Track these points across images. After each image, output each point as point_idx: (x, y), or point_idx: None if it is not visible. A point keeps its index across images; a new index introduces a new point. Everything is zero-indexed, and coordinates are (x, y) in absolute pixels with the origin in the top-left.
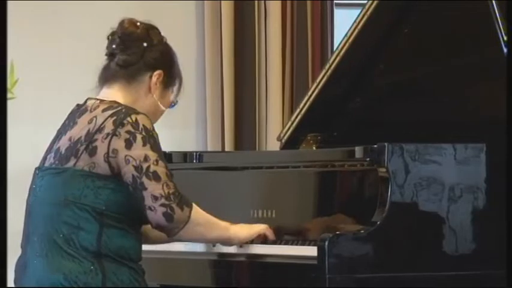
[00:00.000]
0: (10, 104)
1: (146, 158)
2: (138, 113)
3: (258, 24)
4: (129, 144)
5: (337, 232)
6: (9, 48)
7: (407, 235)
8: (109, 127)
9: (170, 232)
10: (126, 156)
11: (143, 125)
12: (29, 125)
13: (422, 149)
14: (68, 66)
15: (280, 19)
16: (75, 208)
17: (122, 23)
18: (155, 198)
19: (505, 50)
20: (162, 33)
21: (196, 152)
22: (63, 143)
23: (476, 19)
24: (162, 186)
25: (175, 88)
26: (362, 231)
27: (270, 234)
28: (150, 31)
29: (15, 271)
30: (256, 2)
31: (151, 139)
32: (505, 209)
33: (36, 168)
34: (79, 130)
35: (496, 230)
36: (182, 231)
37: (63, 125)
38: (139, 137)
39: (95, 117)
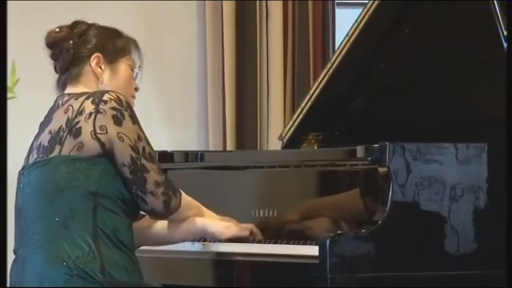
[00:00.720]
0: (11, 104)
1: (139, 137)
2: (114, 91)
3: (259, 24)
4: (118, 121)
5: (339, 231)
6: (11, 48)
7: (408, 234)
8: (89, 107)
9: (162, 217)
10: (118, 133)
11: (126, 102)
12: (30, 125)
13: (424, 149)
14: None
15: (282, 19)
16: (67, 192)
17: (45, 38)
18: (157, 184)
19: (505, 45)
20: (163, 33)
21: (197, 151)
22: (44, 138)
23: (477, 19)
24: (159, 171)
25: (129, 57)
26: (363, 231)
27: (255, 235)
28: (73, 28)
29: (12, 274)
30: (257, 1)
31: (135, 118)
32: (506, 209)
33: (19, 171)
34: (58, 122)
35: (498, 229)
36: (174, 215)
37: (40, 125)
38: (126, 114)
39: (70, 105)
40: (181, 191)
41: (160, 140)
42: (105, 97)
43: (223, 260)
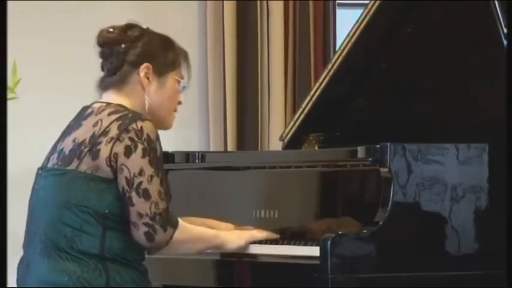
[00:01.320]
0: (12, 104)
1: (141, 172)
2: (143, 119)
3: (260, 24)
4: (128, 152)
5: (340, 232)
6: (12, 49)
7: (409, 235)
8: (114, 131)
9: (150, 251)
10: (122, 164)
11: (147, 134)
12: (30, 125)
13: (425, 149)
14: (70, 67)
15: (283, 19)
16: (77, 211)
17: (98, 36)
18: (140, 215)
19: (505, 42)
20: (164, 33)
21: (198, 152)
22: (67, 144)
23: (478, 19)
24: (150, 205)
25: (178, 71)
26: (364, 231)
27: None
28: (126, 31)
29: (18, 272)
30: (258, 1)
31: (151, 152)
32: (506, 209)
33: (38, 168)
34: (84, 132)
35: (499, 230)
36: (164, 249)
37: (68, 126)
38: (140, 147)
39: (101, 120)
40: (182, 224)
41: (161, 140)
42: (130, 126)
43: (224, 260)
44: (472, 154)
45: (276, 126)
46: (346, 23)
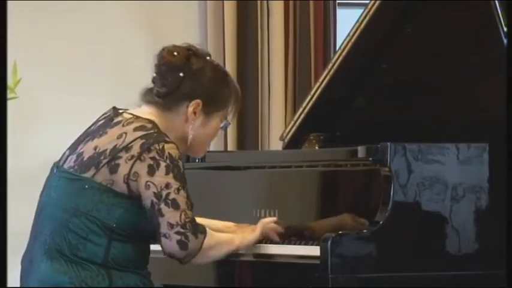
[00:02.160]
0: (12, 104)
1: (168, 186)
2: (167, 141)
3: (260, 24)
4: (151, 171)
5: (340, 232)
6: (12, 49)
7: (410, 235)
8: (136, 149)
9: (182, 260)
10: (147, 182)
11: (169, 153)
12: (31, 125)
13: (425, 149)
14: (70, 67)
15: (283, 19)
16: (85, 220)
17: (161, 52)
18: (171, 225)
19: (505, 41)
20: (164, 33)
21: None
22: (88, 150)
23: (478, 19)
24: (180, 214)
25: (226, 110)
26: (365, 231)
27: (274, 231)
28: (190, 58)
29: (22, 266)
30: (258, 1)
31: (175, 169)
32: (506, 209)
33: (54, 163)
34: (107, 142)
35: (499, 229)
36: (194, 259)
37: (93, 128)
38: (163, 164)
39: (125, 133)
40: (208, 231)
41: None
42: (153, 146)
43: (225, 260)
44: (472, 154)
45: (276, 126)
46: (347, 22)
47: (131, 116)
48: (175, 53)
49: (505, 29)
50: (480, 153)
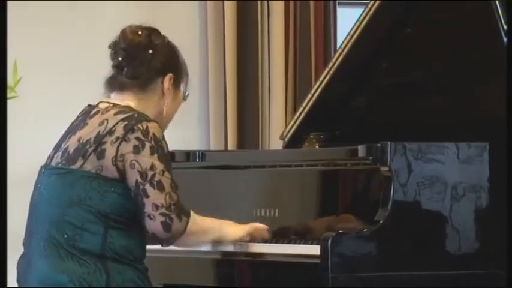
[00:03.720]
0: (13, 103)
1: (153, 167)
2: (149, 120)
3: (261, 24)
4: (136, 150)
5: (340, 231)
6: (13, 48)
7: (410, 234)
8: (119, 131)
9: (165, 242)
10: (132, 160)
11: (153, 134)
12: (31, 124)
13: (425, 148)
14: (71, 67)
15: (283, 18)
16: (79, 209)
17: (124, 34)
18: (156, 207)
19: (505, 39)
20: (164, 33)
21: (199, 150)
22: (72, 143)
23: (479, 19)
24: (165, 196)
25: (185, 81)
26: (365, 230)
27: (264, 234)
28: (152, 36)
29: (18, 270)
30: (259, 1)
31: (159, 149)
32: (506, 208)
33: (42, 167)
34: (89, 131)
35: (499, 229)
36: (178, 241)
37: (73, 124)
38: (148, 145)
39: (106, 120)
40: (193, 215)
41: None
42: (136, 126)
43: (225, 259)
44: (472, 153)
45: (277, 125)
46: (347, 22)
47: (108, 104)
48: (139, 32)
49: (505, 27)
50: (480, 152)
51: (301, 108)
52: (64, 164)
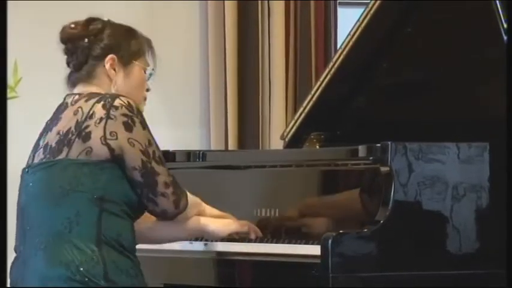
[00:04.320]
0: (13, 103)
1: (150, 142)
2: (125, 96)
3: (261, 24)
4: (128, 127)
5: (341, 231)
6: (13, 48)
7: (410, 234)
8: (99, 112)
9: (172, 218)
10: (129, 139)
11: (136, 108)
12: (31, 124)
13: (426, 148)
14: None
15: (284, 18)
16: (72, 196)
17: (62, 32)
18: (167, 185)
19: (505, 37)
20: (164, 34)
21: (199, 150)
22: (52, 138)
23: (479, 19)
24: (167, 172)
25: (143, 59)
26: (365, 230)
27: (252, 233)
28: (88, 26)
29: (13, 274)
30: (259, 1)
31: (145, 123)
32: (507, 208)
33: (23, 169)
34: (66, 123)
35: (499, 229)
36: (181, 215)
37: (47, 124)
38: (137, 120)
39: (80, 107)
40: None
41: (163, 139)
42: (116, 103)
43: (225, 259)
44: (473, 153)
45: (277, 125)
46: (347, 22)
47: (74, 95)
48: (72, 25)
49: (505, 26)
50: (481, 152)
51: (301, 108)
52: (49, 158)
